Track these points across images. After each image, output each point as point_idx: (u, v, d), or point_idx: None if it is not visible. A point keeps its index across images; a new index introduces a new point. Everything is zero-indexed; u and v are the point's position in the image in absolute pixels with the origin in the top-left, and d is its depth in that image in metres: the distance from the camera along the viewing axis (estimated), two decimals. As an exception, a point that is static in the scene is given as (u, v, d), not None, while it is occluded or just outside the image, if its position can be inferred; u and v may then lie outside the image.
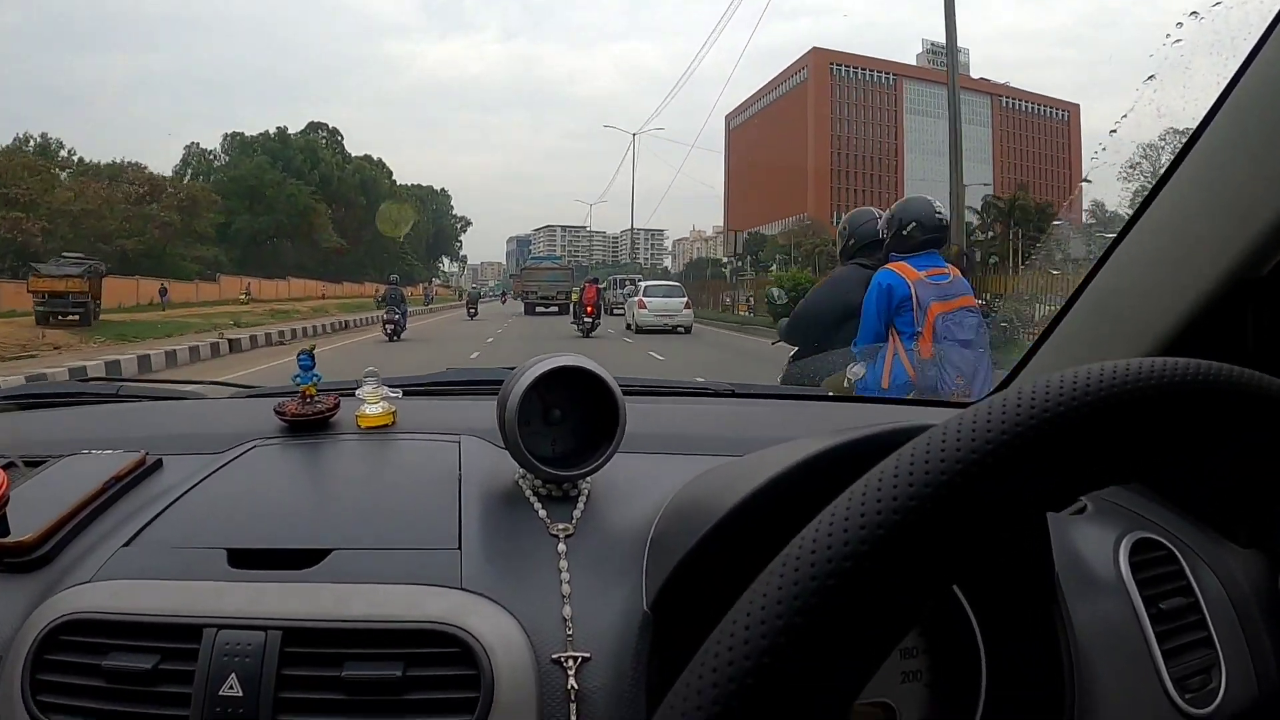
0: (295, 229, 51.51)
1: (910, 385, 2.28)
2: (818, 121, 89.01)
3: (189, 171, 52.82)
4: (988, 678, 0.65)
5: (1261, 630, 0.77)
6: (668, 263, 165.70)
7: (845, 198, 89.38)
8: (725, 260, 76.76)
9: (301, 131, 60.41)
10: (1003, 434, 0.32)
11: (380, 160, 69.24)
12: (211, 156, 54.01)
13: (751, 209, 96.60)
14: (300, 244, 53.00)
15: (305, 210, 51.43)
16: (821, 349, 2.50)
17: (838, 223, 3.03)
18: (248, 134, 57.56)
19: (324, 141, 62.23)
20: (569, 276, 35.19)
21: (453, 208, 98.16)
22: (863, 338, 2.39)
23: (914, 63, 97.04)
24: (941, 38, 14.34)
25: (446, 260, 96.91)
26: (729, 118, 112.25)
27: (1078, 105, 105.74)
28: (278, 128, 58.19)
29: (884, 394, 2.21)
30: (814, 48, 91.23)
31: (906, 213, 2.48)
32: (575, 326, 20.56)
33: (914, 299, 2.31)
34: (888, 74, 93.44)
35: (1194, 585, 0.77)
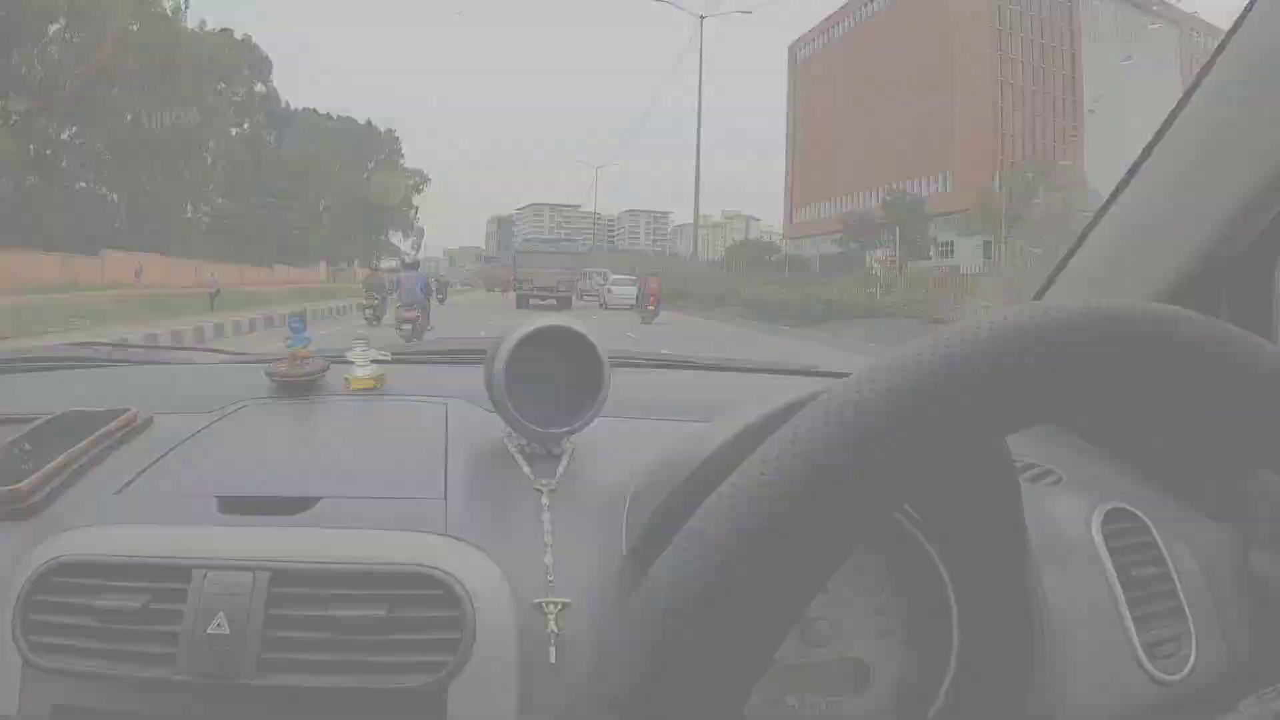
0: None
1: None
2: (971, 30, 58.11)
3: None
4: (960, 637, 0.66)
5: (1232, 602, 0.80)
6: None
7: (1009, 148, 59.20)
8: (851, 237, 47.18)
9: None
10: (939, 367, 0.34)
11: (249, 39, 37.68)
12: None
13: (833, 170, 65.93)
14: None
15: None
16: None
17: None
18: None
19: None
20: (576, 262, 30.45)
21: (403, 156, 66.59)
22: None
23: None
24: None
25: (396, 234, 64.70)
26: (794, 48, 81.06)
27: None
28: None
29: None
30: (964, -81, 59.87)
31: None
32: (640, 317, 21.45)
33: None
34: (1061, -28, 62.64)
35: (1166, 556, 0.79)
